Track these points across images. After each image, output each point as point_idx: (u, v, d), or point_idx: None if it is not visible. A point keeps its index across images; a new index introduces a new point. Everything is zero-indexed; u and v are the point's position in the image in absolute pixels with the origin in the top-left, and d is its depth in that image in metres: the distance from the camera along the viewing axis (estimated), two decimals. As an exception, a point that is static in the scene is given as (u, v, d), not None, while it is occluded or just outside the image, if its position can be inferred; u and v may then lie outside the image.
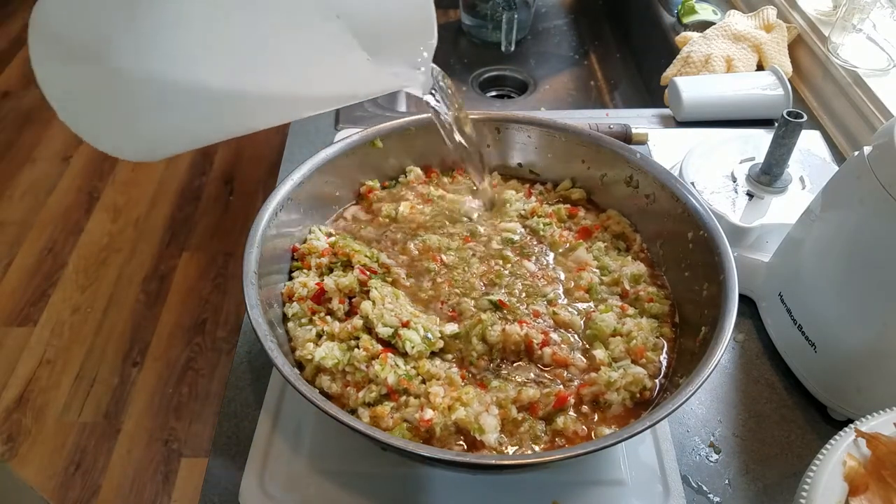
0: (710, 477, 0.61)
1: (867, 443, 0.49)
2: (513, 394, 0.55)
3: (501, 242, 0.69)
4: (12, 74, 2.60)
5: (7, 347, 1.71)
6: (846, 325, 0.61)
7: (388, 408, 0.54)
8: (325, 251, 0.66)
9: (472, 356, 0.58)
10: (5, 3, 2.97)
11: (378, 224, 0.72)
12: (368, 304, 0.59)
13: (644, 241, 0.70)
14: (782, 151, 0.74)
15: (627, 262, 0.67)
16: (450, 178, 0.77)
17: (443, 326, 0.60)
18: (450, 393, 0.54)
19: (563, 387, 0.57)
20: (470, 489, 0.58)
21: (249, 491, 0.57)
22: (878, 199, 0.55)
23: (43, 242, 1.98)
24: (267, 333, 0.53)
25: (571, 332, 0.61)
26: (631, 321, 0.61)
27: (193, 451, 1.52)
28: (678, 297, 0.65)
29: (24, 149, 2.28)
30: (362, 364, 0.55)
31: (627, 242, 0.71)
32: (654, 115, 1.02)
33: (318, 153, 0.70)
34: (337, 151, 0.71)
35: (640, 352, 0.59)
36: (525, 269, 0.67)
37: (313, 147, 0.94)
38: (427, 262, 0.67)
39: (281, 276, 0.65)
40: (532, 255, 0.69)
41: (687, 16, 1.21)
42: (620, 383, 0.55)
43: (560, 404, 0.55)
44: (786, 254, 0.70)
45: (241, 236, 0.59)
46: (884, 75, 0.93)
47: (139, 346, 1.72)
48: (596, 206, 0.75)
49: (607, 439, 0.48)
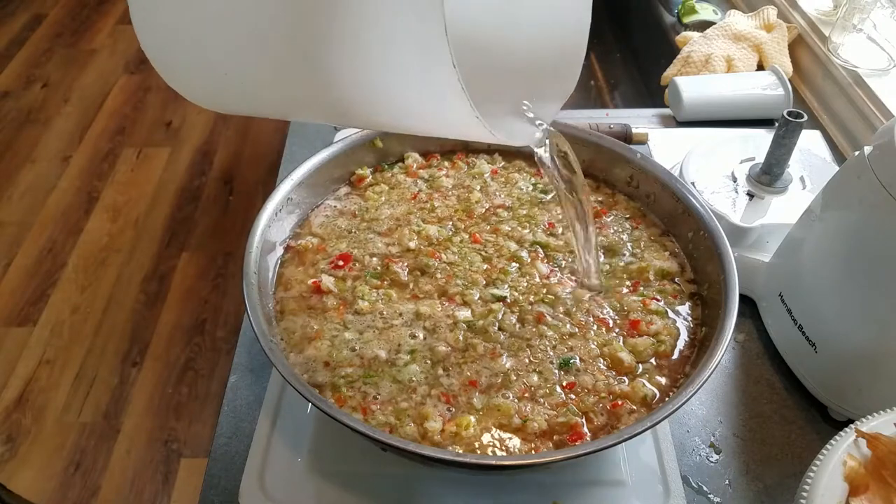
0: (711, 477, 0.61)
1: (867, 443, 0.49)
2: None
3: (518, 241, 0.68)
4: (12, 74, 2.59)
5: (7, 347, 1.71)
6: (846, 325, 0.61)
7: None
8: (321, 247, 0.66)
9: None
10: (5, 3, 2.97)
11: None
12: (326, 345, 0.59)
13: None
14: (782, 151, 0.74)
15: (664, 255, 0.66)
16: (450, 163, 0.77)
17: (455, 312, 0.60)
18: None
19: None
20: (470, 489, 0.58)
21: (249, 491, 0.57)
22: (878, 199, 0.55)
23: (43, 242, 1.98)
24: (266, 334, 0.53)
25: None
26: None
27: (193, 451, 1.52)
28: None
29: (24, 149, 2.28)
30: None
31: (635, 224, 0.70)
32: (654, 115, 1.02)
33: (318, 153, 0.70)
34: (337, 151, 0.71)
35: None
36: (537, 269, 0.65)
37: (313, 147, 0.94)
38: (427, 259, 0.66)
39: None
40: (551, 258, 0.66)
41: (687, 16, 1.21)
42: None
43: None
44: (786, 254, 0.70)
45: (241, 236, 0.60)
46: (884, 75, 0.93)
47: (139, 346, 1.72)
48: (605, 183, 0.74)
49: (607, 440, 0.48)
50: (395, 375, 0.56)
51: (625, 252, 0.67)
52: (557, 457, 0.48)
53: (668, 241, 0.68)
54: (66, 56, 2.68)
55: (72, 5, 2.98)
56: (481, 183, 0.74)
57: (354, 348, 0.58)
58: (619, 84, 1.38)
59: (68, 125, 2.37)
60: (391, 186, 0.74)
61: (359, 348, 0.58)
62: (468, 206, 0.71)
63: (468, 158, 0.77)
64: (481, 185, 0.74)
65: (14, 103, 2.46)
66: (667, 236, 0.68)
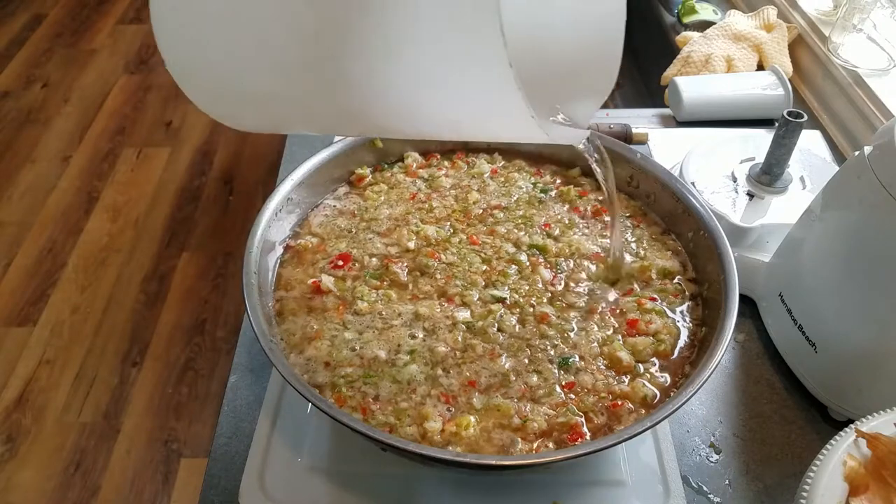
0: (711, 477, 0.61)
1: (867, 443, 0.49)
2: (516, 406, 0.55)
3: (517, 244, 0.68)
4: (12, 74, 2.59)
5: (7, 347, 1.71)
6: (846, 325, 0.61)
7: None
8: (320, 246, 0.66)
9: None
10: (5, 4, 2.97)
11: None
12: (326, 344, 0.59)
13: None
14: (782, 151, 0.74)
15: (666, 255, 0.66)
16: (450, 163, 0.77)
17: (455, 313, 0.60)
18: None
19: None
20: (470, 489, 0.58)
21: (249, 491, 0.57)
22: (878, 199, 0.55)
23: (43, 242, 1.98)
24: (266, 334, 0.53)
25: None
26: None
27: (193, 451, 1.52)
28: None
29: (24, 149, 2.28)
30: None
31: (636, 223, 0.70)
32: (654, 115, 1.02)
33: (319, 153, 0.70)
34: (337, 151, 0.71)
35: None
36: (540, 275, 0.64)
37: (313, 147, 0.94)
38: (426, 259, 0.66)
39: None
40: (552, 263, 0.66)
41: (687, 16, 1.21)
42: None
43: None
44: (786, 254, 0.70)
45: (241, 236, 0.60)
46: (884, 75, 0.93)
47: (139, 346, 1.72)
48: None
49: (607, 439, 0.48)
50: (394, 375, 0.56)
51: (626, 251, 0.67)
52: (557, 457, 0.48)
53: (669, 240, 0.68)
54: (66, 56, 2.68)
55: (72, 5, 2.98)
56: (480, 183, 0.74)
57: (354, 348, 0.58)
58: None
59: (68, 125, 2.37)
60: (390, 186, 0.74)
61: (359, 348, 0.58)
62: (466, 207, 0.71)
63: (468, 158, 0.77)
64: (480, 185, 0.74)
65: (14, 103, 2.46)
66: (668, 235, 0.68)
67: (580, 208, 0.71)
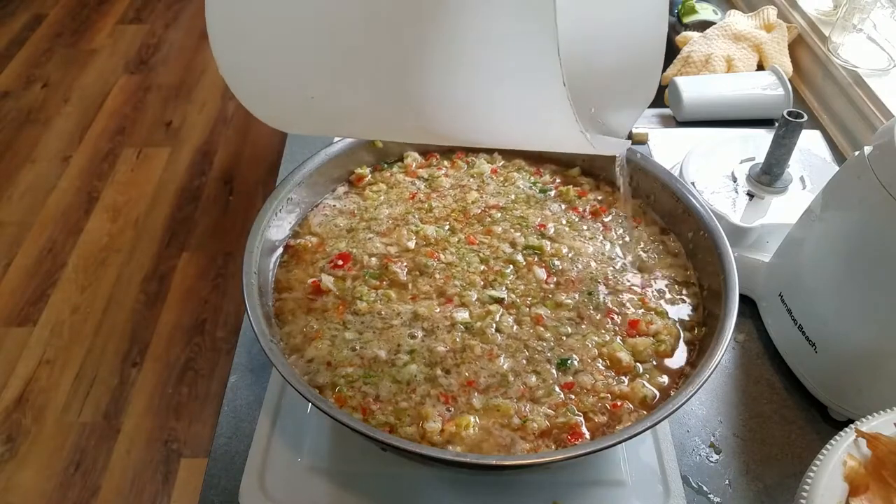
0: (711, 477, 0.61)
1: (867, 443, 0.49)
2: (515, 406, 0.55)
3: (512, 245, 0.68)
4: (12, 74, 2.59)
5: (7, 347, 1.71)
6: (846, 325, 0.61)
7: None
8: (320, 246, 0.66)
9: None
10: (5, 4, 2.97)
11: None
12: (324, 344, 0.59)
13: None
14: (782, 151, 0.74)
15: (666, 254, 0.67)
16: (450, 163, 0.77)
17: (454, 313, 0.60)
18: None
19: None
20: (470, 489, 0.58)
21: (249, 491, 0.57)
22: (878, 199, 0.55)
23: (43, 242, 1.98)
24: (266, 334, 0.53)
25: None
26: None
27: (193, 451, 1.52)
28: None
29: (23, 149, 2.28)
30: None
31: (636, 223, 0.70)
32: (654, 115, 1.02)
33: (318, 153, 0.70)
34: (337, 151, 0.71)
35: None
36: (535, 274, 0.65)
37: (313, 147, 0.94)
38: (425, 259, 0.66)
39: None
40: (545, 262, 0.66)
41: (687, 16, 1.21)
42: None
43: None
44: (786, 254, 0.70)
45: (241, 236, 0.60)
46: (884, 75, 0.93)
47: (139, 346, 1.72)
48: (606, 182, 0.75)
49: (607, 440, 0.48)
50: (394, 375, 0.56)
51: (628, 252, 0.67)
52: (557, 457, 0.48)
53: (669, 241, 0.68)
54: (66, 56, 2.68)
55: (72, 5, 2.98)
56: (479, 182, 0.74)
57: (355, 348, 0.58)
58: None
59: (68, 125, 2.37)
60: (390, 186, 0.74)
61: (359, 348, 0.58)
62: (464, 207, 0.71)
63: (468, 158, 0.77)
64: (479, 185, 0.74)
65: (14, 103, 2.46)
66: (667, 235, 0.68)
67: (579, 208, 0.71)
